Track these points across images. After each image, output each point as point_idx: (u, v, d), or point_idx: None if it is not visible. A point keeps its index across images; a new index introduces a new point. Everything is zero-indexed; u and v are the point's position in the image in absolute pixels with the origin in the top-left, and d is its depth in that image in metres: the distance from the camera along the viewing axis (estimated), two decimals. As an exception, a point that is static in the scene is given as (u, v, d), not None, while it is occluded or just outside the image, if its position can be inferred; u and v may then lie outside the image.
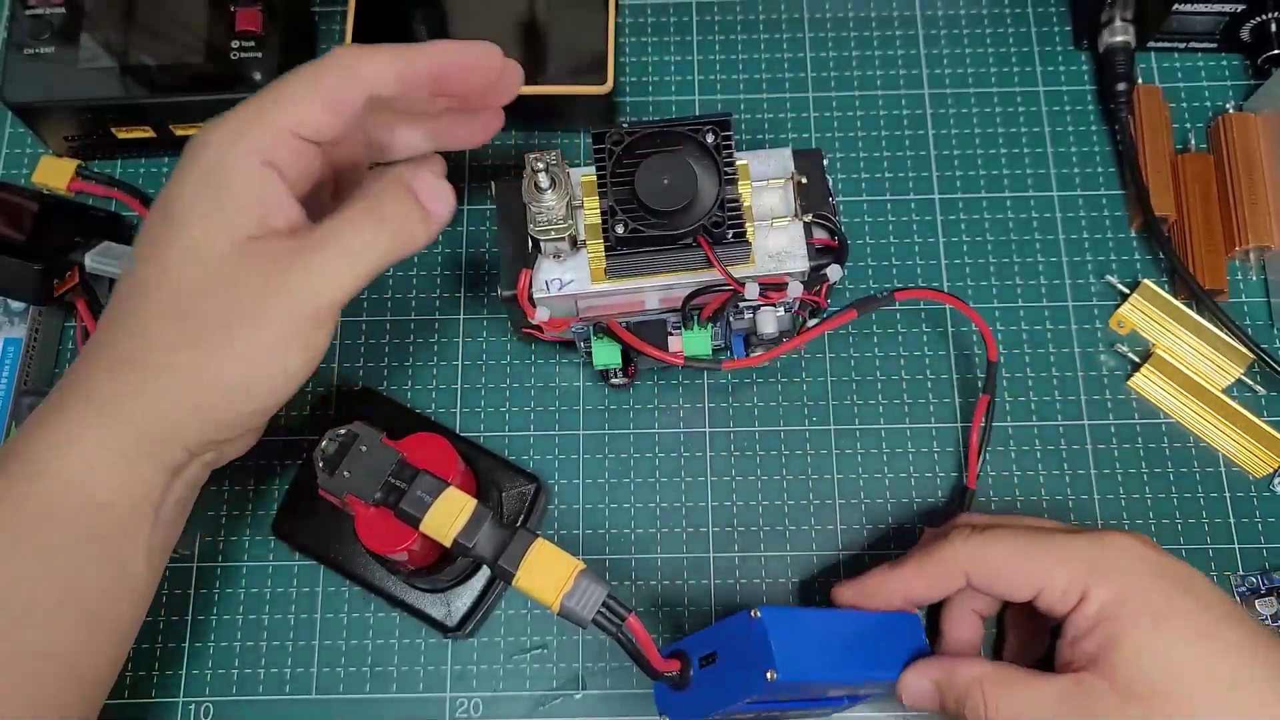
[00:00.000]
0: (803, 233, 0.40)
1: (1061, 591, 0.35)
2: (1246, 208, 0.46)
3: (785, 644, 0.34)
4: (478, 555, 0.33)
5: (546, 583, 0.32)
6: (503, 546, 0.33)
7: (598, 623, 0.32)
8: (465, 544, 0.33)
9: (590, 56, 0.47)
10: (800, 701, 0.38)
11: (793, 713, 0.39)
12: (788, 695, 0.35)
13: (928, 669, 0.37)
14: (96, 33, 0.46)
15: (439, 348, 0.47)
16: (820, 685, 0.37)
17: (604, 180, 0.38)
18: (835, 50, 0.52)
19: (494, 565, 0.33)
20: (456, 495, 0.33)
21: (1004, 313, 0.47)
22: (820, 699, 0.39)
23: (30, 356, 0.46)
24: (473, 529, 0.33)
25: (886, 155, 0.50)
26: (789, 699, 0.36)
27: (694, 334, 0.41)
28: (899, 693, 0.37)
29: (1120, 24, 0.49)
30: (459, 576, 0.42)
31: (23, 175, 0.50)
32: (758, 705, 0.35)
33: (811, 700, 0.38)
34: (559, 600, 0.32)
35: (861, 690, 0.40)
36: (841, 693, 0.39)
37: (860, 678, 0.38)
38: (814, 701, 0.39)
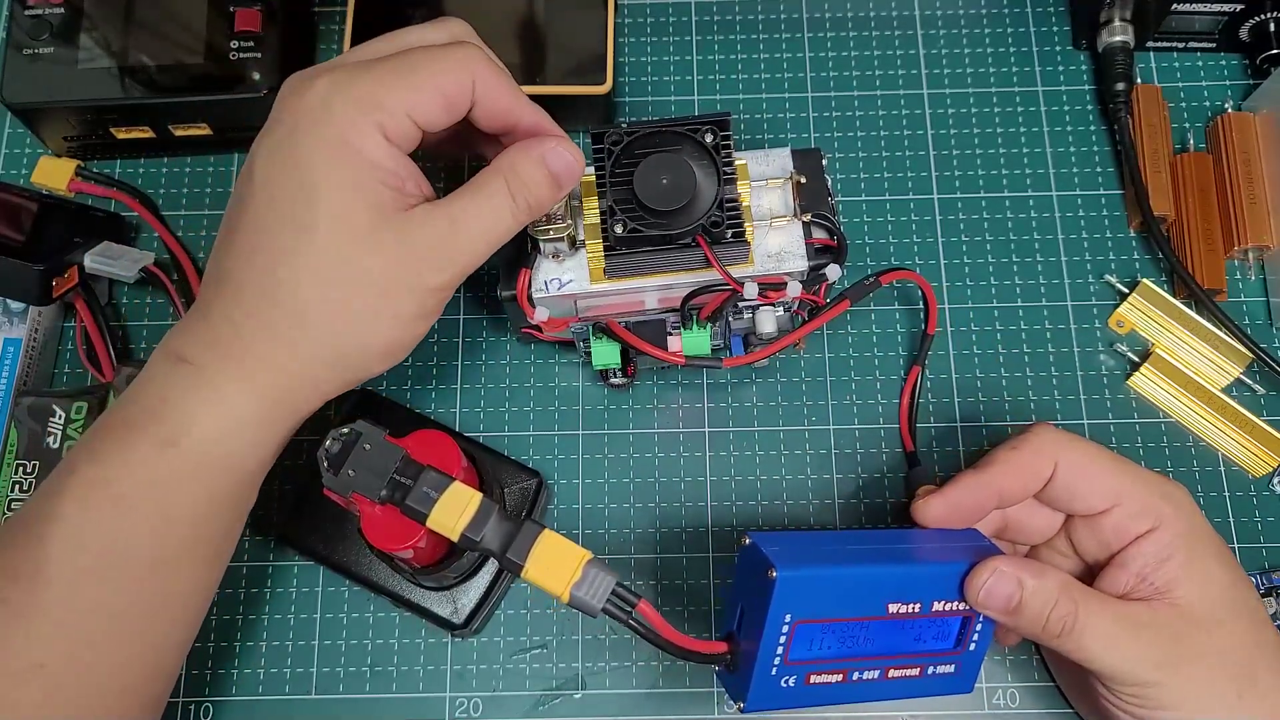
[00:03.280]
0: (801, 232, 0.40)
1: (1138, 510, 0.35)
2: (1245, 207, 0.46)
3: (784, 548, 0.33)
4: (485, 549, 0.33)
5: (555, 574, 0.32)
6: (510, 539, 0.33)
7: (608, 611, 0.32)
8: (472, 538, 0.33)
9: (590, 56, 0.47)
10: (883, 635, 0.35)
11: (894, 662, 0.35)
12: (831, 614, 0.33)
13: (1015, 566, 0.34)
14: (96, 33, 0.46)
15: (439, 348, 0.47)
16: (856, 593, 0.34)
17: (603, 180, 0.38)
18: (835, 50, 0.52)
19: (502, 558, 0.33)
20: (462, 490, 0.33)
21: (1004, 313, 0.47)
22: (904, 623, 0.35)
23: (30, 356, 0.46)
24: (479, 523, 0.33)
25: (886, 155, 0.50)
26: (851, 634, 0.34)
27: (693, 334, 0.41)
28: (968, 590, 0.35)
29: (1119, 24, 0.49)
30: (464, 573, 0.42)
31: (22, 175, 0.50)
32: (825, 653, 0.34)
33: (897, 634, 0.35)
34: (568, 590, 0.32)
35: (944, 607, 0.35)
36: (907, 609, 0.34)
37: (903, 573, 0.35)
38: (902, 634, 0.35)
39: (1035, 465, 0.36)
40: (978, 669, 0.37)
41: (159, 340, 0.47)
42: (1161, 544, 0.35)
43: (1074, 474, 0.36)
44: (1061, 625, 0.34)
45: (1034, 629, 0.34)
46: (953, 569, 0.35)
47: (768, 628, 0.33)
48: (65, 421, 0.43)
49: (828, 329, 0.47)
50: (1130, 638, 0.34)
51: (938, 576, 0.35)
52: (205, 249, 0.49)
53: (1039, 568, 0.35)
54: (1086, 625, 0.34)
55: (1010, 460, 0.36)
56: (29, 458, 0.43)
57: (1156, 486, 0.36)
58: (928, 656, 0.36)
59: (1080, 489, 0.36)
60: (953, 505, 0.37)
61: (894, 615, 0.35)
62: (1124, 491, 0.36)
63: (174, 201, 0.50)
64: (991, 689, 0.42)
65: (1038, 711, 0.42)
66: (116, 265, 0.46)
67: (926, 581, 0.35)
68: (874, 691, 0.36)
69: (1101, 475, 0.36)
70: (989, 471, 0.37)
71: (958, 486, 0.37)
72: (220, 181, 0.50)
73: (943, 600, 0.35)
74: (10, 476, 0.42)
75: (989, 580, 0.34)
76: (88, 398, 0.44)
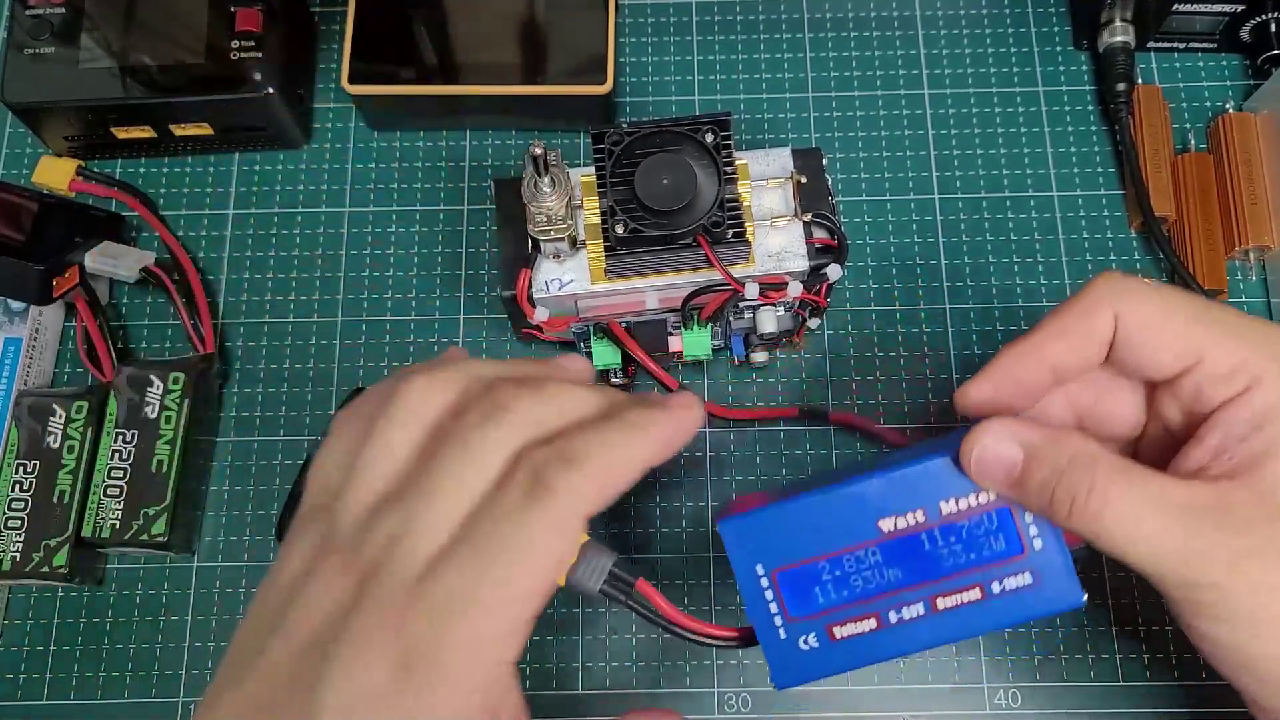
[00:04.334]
0: (802, 232, 0.40)
1: (1227, 370, 0.27)
2: (1246, 208, 0.46)
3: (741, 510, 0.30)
4: None
5: None
6: None
7: (605, 593, 0.30)
8: None
9: (590, 56, 0.47)
10: (901, 560, 0.29)
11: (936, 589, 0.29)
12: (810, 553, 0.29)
13: (1017, 428, 0.28)
14: (96, 33, 0.46)
15: (439, 348, 0.47)
16: (829, 520, 0.29)
17: (604, 180, 0.38)
18: (835, 50, 0.52)
19: None
20: None
21: (1004, 313, 0.47)
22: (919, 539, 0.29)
23: (30, 356, 0.46)
24: None
25: (887, 155, 0.50)
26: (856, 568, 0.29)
27: (694, 334, 0.41)
28: (964, 456, 0.28)
29: (1120, 24, 0.49)
30: None
31: (23, 175, 0.50)
32: (836, 599, 0.29)
33: (920, 554, 0.29)
34: (563, 574, 0.31)
35: (960, 506, 0.29)
36: (909, 520, 0.29)
37: (880, 483, 0.29)
38: (926, 553, 0.29)
39: (1090, 324, 0.28)
40: (1068, 570, 0.28)
41: (159, 340, 0.48)
42: (1253, 409, 0.27)
43: (1139, 328, 0.28)
44: (1071, 500, 0.26)
45: (1043, 504, 0.27)
46: (939, 457, 0.29)
47: (741, 586, 0.29)
48: (65, 421, 0.43)
49: (829, 327, 0.47)
50: (1170, 522, 0.26)
51: (925, 473, 0.29)
52: (205, 249, 0.49)
53: (1050, 429, 0.28)
54: (1107, 501, 0.26)
55: (1058, 319, 0.29)
56: (29, 458, 0.43)
57: (1253, 339, 0.28)
58: (981, 570, 0.29)
59: (1147, 347, 0.28)
60: (997, 383, 0.29)
61: (895, 533, 0.29)
62: (1206, 345, 0.28)
63: (174, 201, 0.50)
64: (992, 689, 0.42)
65: (1039, 712, 0.42)
66: (117, 265, 0.46)
67: (916, 482, 0.29)
68: (930, 632, 0.29)
69: (1174, 327, 0.28)
70: (1035, 336, 0.29)
71: (1000, 359, 0.29)
72: (220, 181, 0.50)
73: (950, 498, 0.29)
74: (10, 476, 0.42)
75: (981, 444, 0.27)
76: (88, 398, 0.44)
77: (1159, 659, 0.42)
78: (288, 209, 0.50)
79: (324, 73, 0.52)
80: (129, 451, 0.43)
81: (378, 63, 0.47)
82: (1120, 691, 0.42)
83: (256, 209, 0.50)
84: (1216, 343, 0.28)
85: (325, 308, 0.48)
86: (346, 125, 0.51)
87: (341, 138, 0.51)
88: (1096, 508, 0.26)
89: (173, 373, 0.44)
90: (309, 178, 0.50)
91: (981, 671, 0.42)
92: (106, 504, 0.42)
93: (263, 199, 0.50)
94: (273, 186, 0.50)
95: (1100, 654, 0.42)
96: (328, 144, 0.51)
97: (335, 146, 0.51)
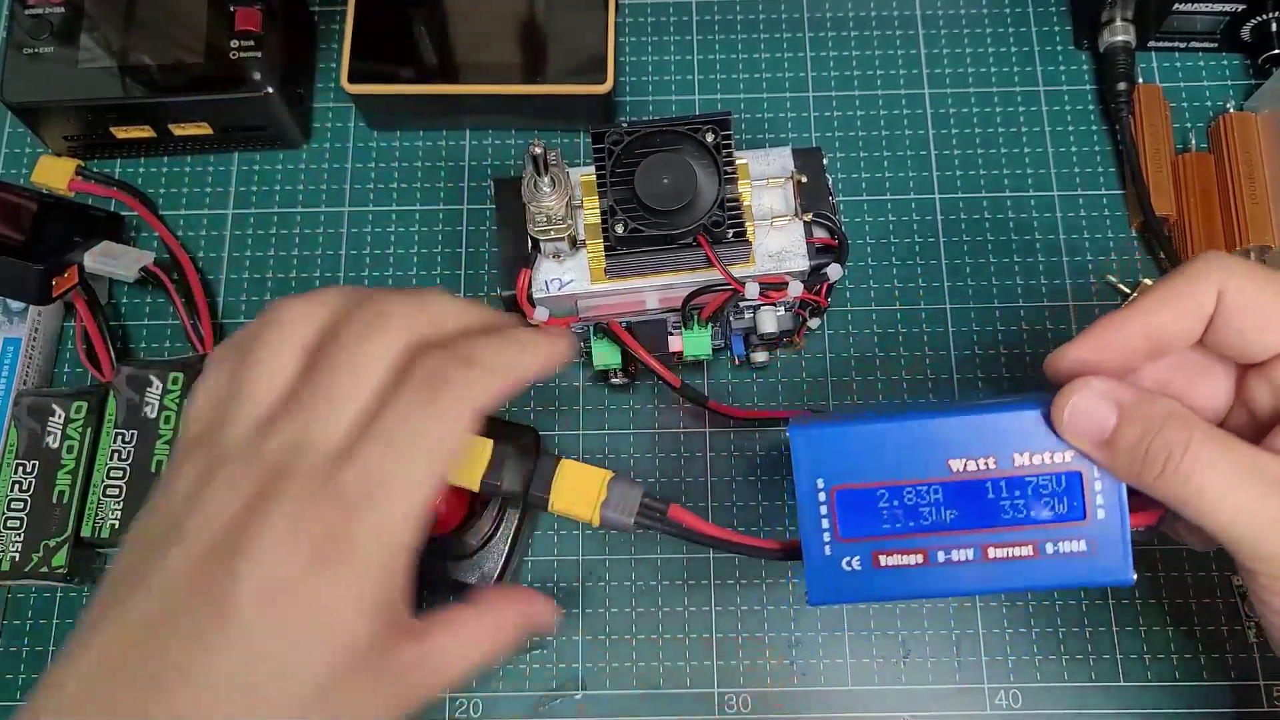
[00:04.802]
0: (803, 232, 0.40)
1: None
2: (1247, 208, 0.46)
3: (816, 426, 0.30)
4: (508, 491, 0.32)
5: (581, 500, 0.32)
6: (530, 476, 0.32)
7: (641, 524, 0.31)
8: (494, 483, 0.32)
9: (590, 56, 0.47)
10: (963, 502, 0.29)
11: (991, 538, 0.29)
12: (874, 477, 0.29)
13: (1113, 386, 0.28)
14: (96, 33, 0.46)
15: (439, 348, 0.47)
16: (901, 449, 0.29)
17: (604, 180, 0.38)
18: (835, 50, 0.52)
19: (526, 496, 0.32)
20: (474, 440, 0.32)
21: (1004, 313, 0.47)
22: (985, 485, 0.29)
23: (30, 356, 0.46)
24: (497, 466, 0.32)
25: (887, 155, 0.50)
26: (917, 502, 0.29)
27: (694, 334, 0.41)
28: (1054, 414, 0.28)
29: (1120, 24, 0.49)
30: (486, 536, 0.41)
31: (23, 175, 0.50)
32: (891, 527, 0.29)
33: (982, 500, 0.29)
34: (597, 512, 0.31)
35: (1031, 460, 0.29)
36: (979, 465, 0.29)
37: (959, 421, 0.29)
38: (989, 500, 0.29)
39: (1193, 295, 0.28)
40: (1125, 548, 0.29)
41: (158, 340, 0.48)
42: None
43: (1243, 306, 0.28)
44: (1166, 457, 0.26)
45: (1132, 464, 0.27)
46: (1027, 409, 0.29)
47: (799, 496, 0.29)
48: (65, 421, 0.43)
49: (829, 327, 0.47)
50: (1262, 491, 0.26)
51: (1009, 421, 0.29)
52: (205, 249, 0.49)
53: (1145, 391, 0.28)
54: (1199, 461, 0.26)
55: (1163, 290, 0.28)
56: (29, 458, 0.43)
57: None
58: (1039, 529, 0.29)
59: (1251, 328, 0.28)
60: (1093, 347, 0.29)
61: (962, 475, 0.29)
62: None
63: (174, 201, 0.50)
64: (993, 689, 0.42)
65: (1040, 712, 0.42)
66: (117, 265, 0.46)
67: (995, 428, 0.29)
68: (975, 578, 0.29)
69: (1279, 310, 0.27)
70: (1139, 303, 0.29)
71: (1100, 324, 0.29)
72: (220, 181, 0.50)
73: (1026, 451, 0.29)
74: (10, 476, 0.42)
75: (1078, 399, 0.27)
76: (88, 397, 0.43)
77: (1159, 659, 0.42)
78: (287, 209, 0.50)
79: (324, 72, 0.52)
80: (128, 451, 0.43)
81: (377, 62, 0.47)
82: (1120, 691, 0.42)
83: (256, 209, 0.50)
84: None
85: (325, 308, 0.48)
86: (346, 125, 0.51)
87: (341, 137, 0.51)
88: (1189, 468, 0.26)
89: (172, 373, 0.44)
90: (309, 177, 0.50)
91: (982, 672, 0.42)
92: (106, 504, 0.42)
93: (262, 199, 0.50)
94: (272, 186, 0.50)
95: (1100, 654, 0.42)
96: (327, 144, 0.51)
97: (335, 146, 0.51)
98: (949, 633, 0.43)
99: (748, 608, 0.43)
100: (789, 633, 0.43)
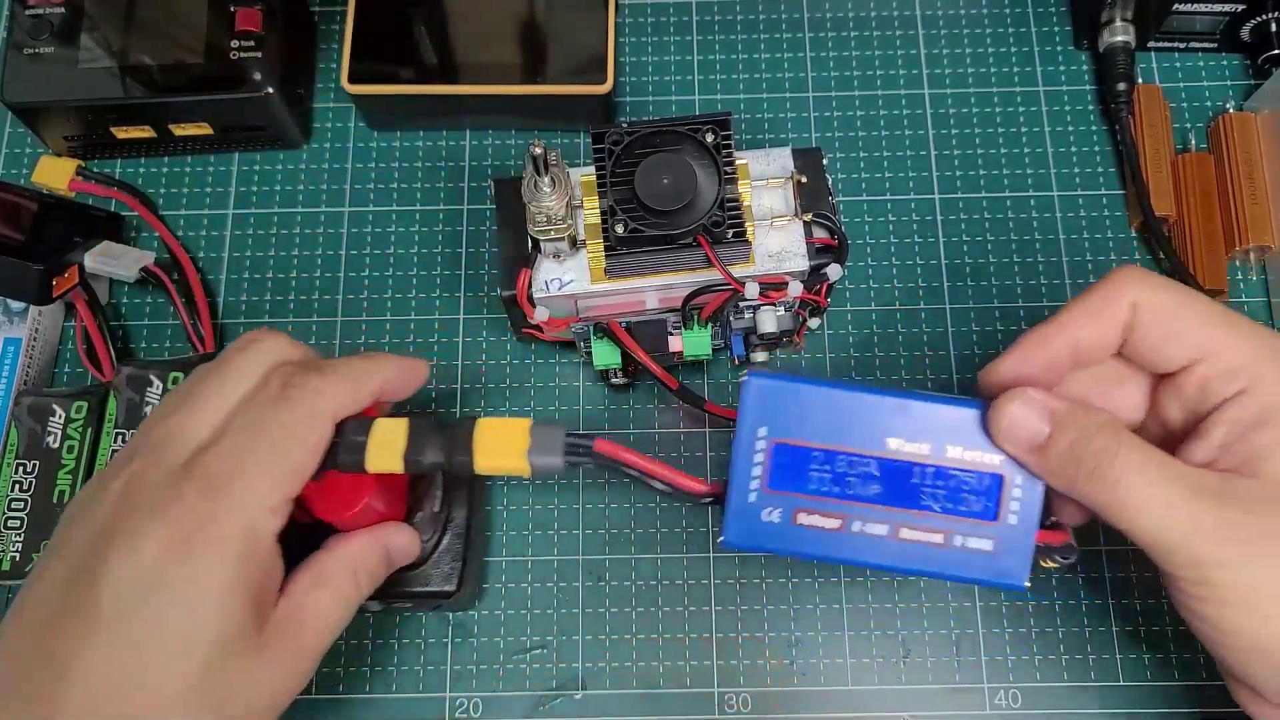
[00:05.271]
0: (802, 232, 0.40)
1: (1229, 367, 0.29)
2: (1247, 207, 0.46)
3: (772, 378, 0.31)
4: (432, 465, 0.32)
5: (506, 453, 0.32)
6: (450, 444, 0.32)
7: (571, 462, 0.31)
8: (417, 459, 0.32)
9: (590, 56, 0.47)
10: (889, 481, 0.30)
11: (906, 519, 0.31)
12: (815, 438, 0.30)
13: (1046, 398, 0.29)
14: (96, 33, 0.46)
15: (439, 348, 0.47)
16: (846, 417, 0.30)
17: (604, 180, 0.38)
18: (835, 50, 0.52)
19: (452, 465, 0.32)
20: (387, 422, 0.33)
21: (1004, 313, 0.47)
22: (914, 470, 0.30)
23: (30, 356, 0.46)
24: (416, 442, 0.32)
25: (887, 155, 0.50)
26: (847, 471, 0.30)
27: (694, 334, 0.41)
28: (991, 420, 0.30)
29: (1120, 24, 0.49)
30: (436, 531, 0.40)
31: (23, 175, 0.50)
32: (816, 488, 0.30)
33: (907, 482, 0.30)
34: (525, 460, 0.31)
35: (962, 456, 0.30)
36: (914, 449, 0.30)
37: (905, 403, 0.30)
38: (914, 484, 0.30)
39: (1111, 307, 0.30)
40: (1027, 556, 0.30)
41: (159, 340, 0.48)
42: (1252, 409, 0.28)
43: (1155, 319, 0.30)
44: (1096, 464, 0.28)
45: (1064, 469, 0.29)
46: (969, 407, 0.30)
47: (738, 439, 0.30)
48: (65, 421, 0.43)
49: (829, 327, 0.47)
50: (1184, 498, 0.27)
51: (951, 415, 0.30)
52: (205, 249, 0.49)
53: (1077, 403, 0.30)
54: (1127, 469, 0.28)
55: (1084, 303, 0.30)
56: (29, 458, 0.43)
57: (1256, 341, 0.29)
58: (952, 520, 0.30)
59: (1161, 337, 0.30)
60: (1022, 361, 0.31)
61: (898, 454, 0.30)
62: (1213, 343, 0.29)
63: (174, 201, 0.50)
64: (994, 689, 0.42)
65: (1040, 712, 0.42)
66: (117, 265, 0.46)
67: (937, 418, 0.30)
68: (883, 553, 0.31)
69: (1188, 322, 0.29)
70: (1060, 317, 0.31)
71: (1025, 339, 0.31)
72: (220, 181, 0.50)
73: (959, 446, 0.30)
74: (10, 476, 0.42)
75: (1015, 408, 0.29)
76: (88, 397, 0.43)
77: (1159, 659, 0.42)
78: (287, 209, 0.50)
79: (324, 72, 0.52)
80: (129, 451, 0.43)
81: (377, 62, 0.47)
82: (1120, 691, 0.42)
83: (256, 209, 0.50)
84: (1224, 340, 0.29)
85: (325, 308, 0.48)
86: (346, 125, 0.51)
87: (341, 137, 0.51)
88: (1117, 475, 0.28)
89: (172, 373, 0.44)
90: (309, 177, 0.50)
91: (982, 672, 0.42)
92: (106, 504, 0.42)
93: (262, 199, 0.50)
94: (272, 186, 0.50)
95: (1100, 654, 0.42)
96: (327, 144, 0.51)
97: (335, 146, 0.51)
98: (949, 633, 0.43)
99: (748, 608, 0.43)
100: (789, 633, 0.43)
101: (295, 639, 0.31)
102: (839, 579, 0.43)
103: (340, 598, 0.33)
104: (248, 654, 0.30)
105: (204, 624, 0.29)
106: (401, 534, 0.36)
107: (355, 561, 0.34)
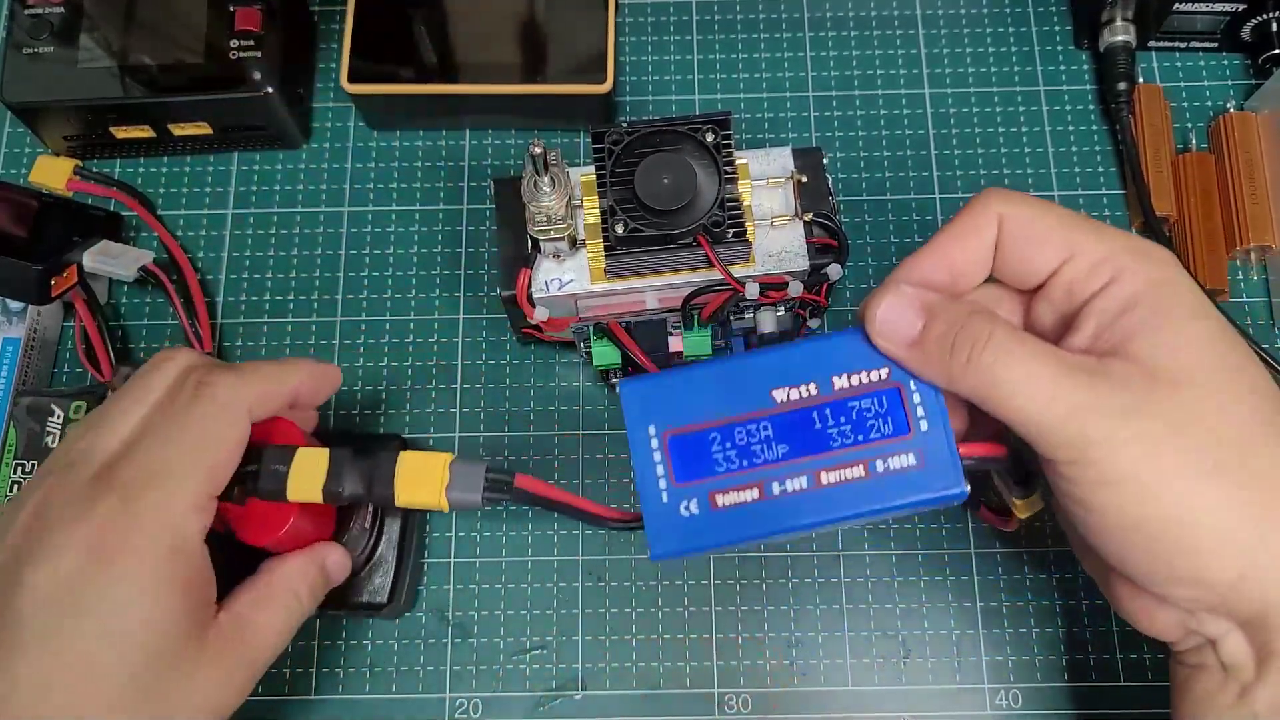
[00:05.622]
0: (803, 232, 0.40)
1: (1091, 266, 0.29)
2: (1247, 207, 0.46)
3: (644, 379, 0.31)
4: (352, 496, 0.32)
5: (425, 489, 0.32)
6: (370, 475, 0.32)
7: (489, 499, 0.31)
8: (337, 490, 0.32)
9: (590, 56, 0.47)
10: (791, 432, 0.30)
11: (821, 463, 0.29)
12: (703, 418, 0.30)
13: (919, 292, 0.30)
14: (96, 32, 0.46)
15: (439, 348, 0.47)
16: (725, 387, 0.30)
17: (603, 179, 0.38)
18: (836, 49, 0.52)
19: (371, 497, 0.32)
20: (309, 452, 0.33)
21: (1004, 313, 0.47)
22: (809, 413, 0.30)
23: (29, 356, 0.46)
24: (336, 474, 0.32)
25: (887, 154, 0.50)
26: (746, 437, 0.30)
27: (694, 334, 0.41)
28: (865, 319, 0.30)
29: (1121, 23, 0.49)
30: (367, 545, 0.40)
31: (22, 175, 0.50)
32: (723, 465, 0.29)
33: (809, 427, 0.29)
34: (442, 496, 0.31)
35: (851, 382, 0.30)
36: (801, 393, 0.30)
37: (778, 355, 0.30)
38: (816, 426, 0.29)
39: (977, 226, 0.31)
40: (952, 457, 0.29)
41: (158, 340, 0.48)
42: (1120, 296, 0.29)
43: (1020, 229, 0.30)
44: (969, 349, 0.28)
45: (941, 358, 0.28)
46: (842, 335, 0.30)
47: (633, 447, 0.30)
48: (64, 421, 0.43)
49: (829, 328, 0.47)
50: (1058, 376, 0.27)
51: (826, 347, 0.30)
52: (204, 249, 0.49)
53: (948, 297, 0.30)
54: (1000, 350, 0.28)
55: (952, 225, 0.31)
56: (28, 458, 0.43)
57: (1119, 242, 0.30)
58: (866, 448, 0.29)
59: (1027, 244, 0.30)
60: (899, 290, 0.30)
61: (787, 406, 0.30)
62: (1076, 244, 0.30)
63: (173, 201, 0.50)
64: (993, 690, 0.42)
65: (1040, 712, 0.42)
66: (116, 265, 0.46)
67: (813, 356, 0.30)
68: (815, 509, 0.29)
69: (1051, 227, 0.30)
70: (933, 241, 0.31)
71: (902, 267, 0.31)
72: (219, 181, 0.50)
73: (844, 374, 0.30)
74: (9, 476, 0.42)
75: (889, 299, 0.29)
76: (87, 397, 0.43)
77: (1159, 659, 0.42)
78: (287, 209, 0.50)
79: (323, 72, 0.52)
80: (128, 451, 0.43)
81: (377, 62, 0.47)
82: (1120, 691, 0.42)
83: (255, 209, 0.50)
84: (1085, 240, 0.30)
85: (325, 308, 0.48)
86: (346, 125, 0.51)
87: (341, 137, 0.51)
88: (991, 358, 0.28)
89: (172, 373, 0.44)
90: (308, 177, 0.50)
91: (982, 672, 0.42)
92: (105, 504, 0.42)
93: (262, 199, 0.50)
94: (272, 186, 0.50)
95: (1100, 654, 0.42)
96: (327, 143, 0.51)
97: (334, 146, 0.51)
98: (949, 633, 0.43)
99: (748, 608, 0.43)
100: (789, 633, 0.43)
101: (239, 650, 0.31)
102: (839, 579, 0.43)
103: (283, 612, 0.33)
104: (185, 658, 0.30)
105: (133, 627, 0.28)
106: (334, 552, 0.36)
107: (295, 579, 0.34)
